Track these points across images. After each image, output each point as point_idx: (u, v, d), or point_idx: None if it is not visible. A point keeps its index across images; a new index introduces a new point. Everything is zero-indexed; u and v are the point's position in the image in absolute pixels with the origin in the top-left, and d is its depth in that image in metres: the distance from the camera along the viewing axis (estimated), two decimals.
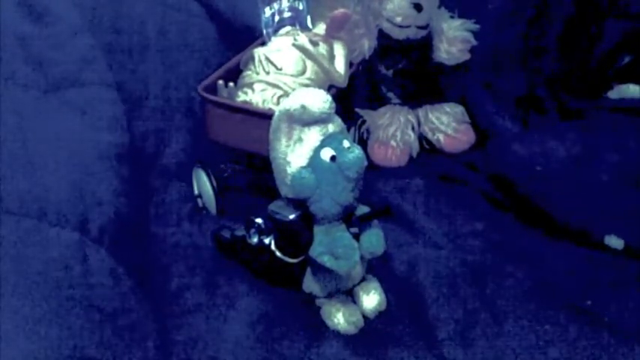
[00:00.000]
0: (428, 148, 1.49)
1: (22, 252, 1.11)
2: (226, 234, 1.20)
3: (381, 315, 1.10)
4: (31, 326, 1.01)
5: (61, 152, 1.27)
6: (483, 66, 1.55)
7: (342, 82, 1.34)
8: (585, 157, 1.40)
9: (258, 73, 1.29)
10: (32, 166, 1.23)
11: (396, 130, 1.45)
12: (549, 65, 1.52)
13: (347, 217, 1.07)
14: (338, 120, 1.07)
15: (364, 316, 1.10)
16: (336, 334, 1.07)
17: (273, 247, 1.09)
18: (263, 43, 1.38)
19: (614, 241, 1.22)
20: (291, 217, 1.05)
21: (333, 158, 1.02)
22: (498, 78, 1.55)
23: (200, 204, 1.31)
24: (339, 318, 1.08)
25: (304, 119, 1.03)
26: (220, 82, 1.28)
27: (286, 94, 1.23)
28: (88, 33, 1.50)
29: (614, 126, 1.42)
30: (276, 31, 1.39)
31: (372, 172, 1.37)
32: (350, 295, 1.11)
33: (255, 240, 1.11)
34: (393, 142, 1.44)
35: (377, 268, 1.14)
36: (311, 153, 1.03)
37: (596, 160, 1.39)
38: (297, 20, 1.40)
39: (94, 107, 1.37)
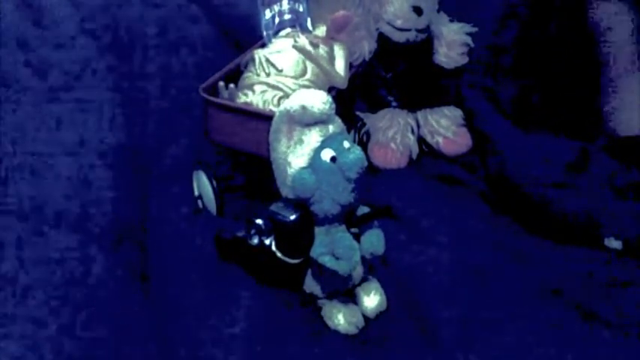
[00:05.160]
0: (427, 151, 1.49)
1: (22, 252, 1.11)
2: (227, 235, 1.19)
3: (381, 315, 1.10)
4: (31, 326, 1.02)
5: (61, 153, 1.28)
6: (481, 69, 1.55)
7: (342, 84, 1.34)
8: (583, 159, 1.40)
9: (258, 75, 1.30)
10: (33, 166, 1.24)
11: (395, 133, 1.45)
12: (544, 69, 1.53)
13: (347, 217, 1.07)
14: (338, 121, 1.08)
15: (365, 317, 1.10)
16: (337, 335, 1.07)
17: (273, 247, 1.09)
18: (263, 45, 1.38)
19: (614, 243, 1.22)
20: (292, 217, 1.04)
21: (333, 159, 1.02)
22: (496, 81, 1.55)
23: (200, 205, 1.31)
24: (340, 318, 1.08)
25: (304, 120, 1.03)
26: (221, 83, 1.28)
27: (287, 96, 1.23)
28: (88, 34, 1.50)
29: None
30: (276, 33, 1.39)
31: (372, 174, 1.38)
32: (350, 296, 1.11)
33: (255, 241, 1.11)
34: (392, 145, 1.44)
35: (377, 268, 1.14)
36: (311, 154, 1.04)
37: (593, 163, 1.40)
38: (297, 22, 1.40)
39: (94, 108, 1.38)
